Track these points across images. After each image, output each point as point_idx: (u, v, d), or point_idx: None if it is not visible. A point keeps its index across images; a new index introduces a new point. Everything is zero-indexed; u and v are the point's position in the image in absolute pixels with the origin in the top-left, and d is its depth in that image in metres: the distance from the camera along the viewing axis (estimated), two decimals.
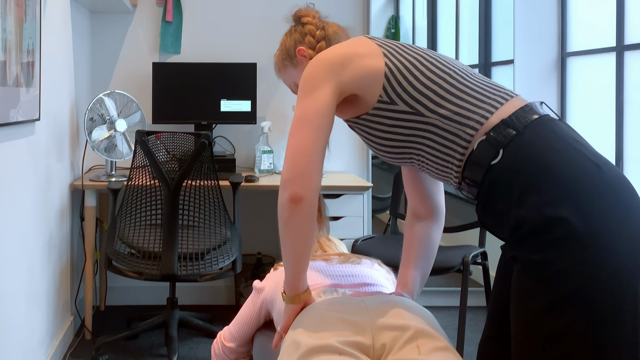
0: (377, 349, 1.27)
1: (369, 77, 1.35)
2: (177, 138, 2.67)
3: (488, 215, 1.30)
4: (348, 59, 1.36)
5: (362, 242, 2.98)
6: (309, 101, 1.34)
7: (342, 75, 1.35)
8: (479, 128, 1.28)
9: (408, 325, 1.28)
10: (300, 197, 1.30)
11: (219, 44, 3.65)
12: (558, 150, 1.21)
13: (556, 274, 1.14)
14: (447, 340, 1.30)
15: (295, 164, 1.31)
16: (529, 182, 1.20)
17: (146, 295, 3.61)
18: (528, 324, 1.17)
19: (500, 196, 1.24)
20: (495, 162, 1.25)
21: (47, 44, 2.60)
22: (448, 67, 1.36)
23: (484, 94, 1.33)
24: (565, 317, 1.13)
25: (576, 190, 1.16)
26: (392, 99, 1.34)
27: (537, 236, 1.17)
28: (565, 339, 1.13)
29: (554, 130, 1.25)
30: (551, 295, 1.14)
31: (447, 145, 1.32)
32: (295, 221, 1.31)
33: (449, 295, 3.54)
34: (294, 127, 1.35)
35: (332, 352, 1.22)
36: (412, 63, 1.35)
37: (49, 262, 2.69)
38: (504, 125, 1.26)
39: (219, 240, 2.76)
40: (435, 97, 1.32)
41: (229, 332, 1.78)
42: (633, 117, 2.88)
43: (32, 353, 2.45)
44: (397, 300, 1.38)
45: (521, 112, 1.28)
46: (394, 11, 4.44)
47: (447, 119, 1.31)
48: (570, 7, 3.47)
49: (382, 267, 1.78)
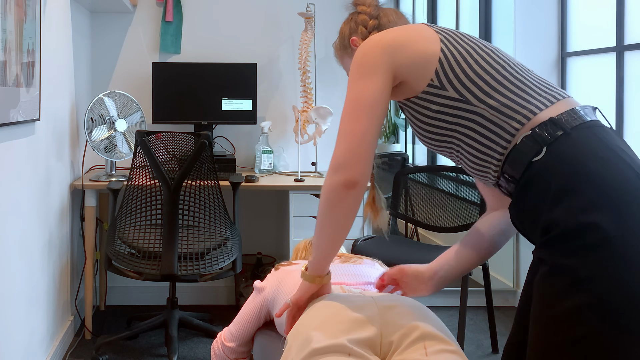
0: (385, 345, 1.27)
1: (423, 61, 1.33)
2: (177, 138, 2.67)
3: (521, 213, 1.28)
4: (403, 43, 1.34)
5: (362, 242, 2.98)
6: (364, 84, 1.32)
7: (397, 59, 1.33)
8: (525, 123, 1.26)
9: (416, 325, 1.28)
10: (355, 182, 1.30)
11: (219, 44, 3.65)
12: (602, 156, 1.19)
13: (581, 279, 1.12)
14: (455, 343, 1.30)
15: (351, 149, 1.30)
16: (567, 184, 1.18)
17: (146, 295, 3.61)
18: (547, 328, 1.16)
19: (536, 195, 1.22)
20: (537, 159, 1.23)
21: (47, 44, 2.60)
22: (502, 59, 1.35)
23: (535, 90, 1.31)
24: (586, 324, 1.11)
25: (614, 198, 1.14)
26: (442, 84, 1.32)
27: (567, 241, 1.15)
28: (583, 347, 1.11)
29: (600, 136, 1.23)
30: (574, 301, 1.12)
31: (490, 138, 1.30)
32: (344, 205, 1.31)
33: (449, 295, 3.54)
34: (348, 110, 1.33)
35: (341, 353, 1.22)
36: (467, 51, 1.33)
37: (49, 262, 2.69)
38: (551, 124, 1.24)
39: (219, 240, 2.76)
40: (485, 86, 1.30)
41: (229, 332, 1.78)
42: (633, 117, 2.88)
43: (32, 353, 2.45)
44: (407, 301, 1.38)
45: (571, 114, 1.26)
46: None
47: (495, 110, 1.29)
48: (570, 7, 3.47)
49: (382, 267, 1.78)
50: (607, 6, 3.05)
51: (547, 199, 1.19)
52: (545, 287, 1.18)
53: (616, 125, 2.95)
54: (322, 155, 3.63)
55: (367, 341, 1.26)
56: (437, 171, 3.66)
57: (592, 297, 1.11)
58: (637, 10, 2.86)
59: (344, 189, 1.30)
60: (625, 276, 1.11)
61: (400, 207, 3.31)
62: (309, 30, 3.38)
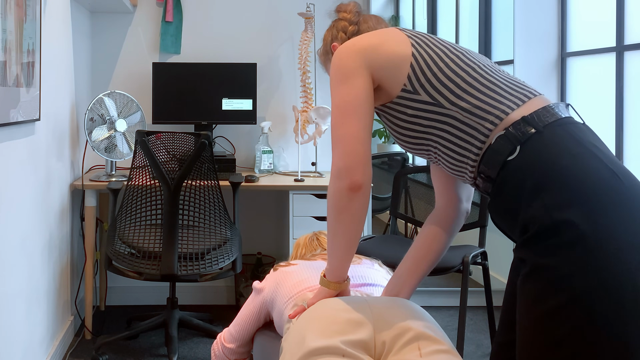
0: (378, 346, 1.28)
1: (396, 64, 1.35)
2: (177, 138, 2.67)
3: (499, 212, 1.29)
4: (376, 46, 1.37)
5: (362, 242, 2.98)
6: (346, 88, 1.35)
7: (372, 61, 1.35)
8: (498, 123, 1.28)
9: (409, 326, 1.28)
10: (360, 185, 1.31)
11: (219, 44, 3.65)
12: (575, 153, 1.20)
13: (561, 278, 1.13)
14: (448, 343, 1.30)
15: (350, 153, 1.32)
16: (541, 182, 1.19)
17: (146, 295, 3.61)
18: (533, 327, 1.17)
19: (512, 193, 1.24)
20: (512, 158, 1.24)
21: (47, 44, 2.60)
22: (472, 61, 1.36)
23: (506, 90, 1.32)
24: (568, 322, 1.12)
25: (588, 195, 1.15)
26: (415, 89, 1.34)
27: (545, 239, 1.16)
28: (569, 344, 1.12)
29: (574, 133, 1.24)
30: (555, 300, 1.14)
31: (465, 139, 1.31)
32: (352, 209, 1.32)
33: (449, 295, 3.54)
34: (336, 116, 1.35)
35: (335, 354, 1.22)
36: (437, 54, 1.35)
37: (49, 262, 2.69)
38: (524, 122, 1.25)
39: (219, 240, 2.76)
40: (456, 89, 1.32)
41: (228, 333, 1.78)
42: (633, 117, 2.88)
43: (32, 353, 2.45)
44: (400, 302, 1.39)
45: (543, 112, 1.27)
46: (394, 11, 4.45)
47: (467, 112, 1.30)
48: (570, 7, 3.47)
49: (382, 267, 1.78)
50: (607, 6, 3.05)
51: (523, 197, 1.21)
52: (528, 289, 1.19)
53: (616, 125, 2.95)
54: (322, 155, 3.63)
55: (361, 342, 1.26)
56: None
57: (571, 294, 1.13)
58: (637, 10, 2.86)
59: (349, 193, 1.31)
60: (601, 271, 1.12)
61: (400, 207, 3.31)
62: (309, 30, 3.38)
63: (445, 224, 1.55)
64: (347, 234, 1.35)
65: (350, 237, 1.36)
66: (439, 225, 1.56)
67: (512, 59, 3.50)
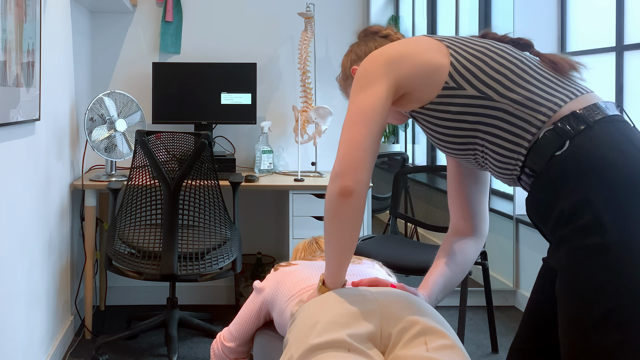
0: (384, 338, 1.27)
1: (430, 70, 1.33)
2: (177, 138, 2.67)
3: (537, 203, 1.27)
4: (405, 55, 1.35)
5: (362, 242, 2.98)
6: (364, 96, 1.33)
7: (399, 70, 1.33)
8: (551, 115, 1.25)
9: (416, 320, 1.27)
10: (351, 191, 1.28)
11: (219, 44, 3.65)
12: (624, 150, 1.19)
13: (602, 283, 1.13)
14: (454, 337, 1.29)
15: (347, 158, 1.30)
16: (586, 177, 1.18)
17: (146, 295, 3.61)
18: (586, 338, 1.15)
19: (552, 185, 1.22)
20: (560, 153, 1.22)
21: (47, 44, 2.60)
22: (517, 55, 1.35)
23: (557, 83, 1.31)
24: (619, 328, 1.12)
25: (633, 193, 1.14)
26: (459, 84, 1.31)
27: (577, 238, 1.16)
28: (625, 348, 1.12)
29: (623, 131, 1.23)
30: (599, 310, 1.13)
31: (515, 133, 1.28)
32: (343, 214, 1.30)
33: (449, 295, 3.54)
34: (348, 121, 1.33)
35: (341, 348, 1.22)
36: (479, 51, 1.34)
37: (49, 262, 2.69)
38: (574, 117, 1.24)
39: (219, 240, 2.76)
40: (506, 81, 1.30)
41: (228, 332, 1.78)
42: (633, 117, 2.88)
43: (32, 353, 2.45)
44: (406, 296, 1.38)
45: (594, 108, 1.25)
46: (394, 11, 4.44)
47: (518, 104, 1.28)
48: (570, 7, 3.47)
49: (382, 268, 1.78)
50: (607, 6, 3.05)
51: (563, 189, 1.19)
52: (568, 300, 1.18)
53: None
54: (322, 155, 3.63)
55: (367, 335, 1.25)
56: (437, 171, 3.66)
57: (612, 304, 1.12)
58: (637, 10, 2.86)
59: (339, 197, 1.29)
60: (630, 282, 1.11)
61: (400, 207, 3.31)
62: (308, 30, 3.38)
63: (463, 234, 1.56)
64: (340, 238, 1.34)
65: (343, 242, 1.34)
66: (457, 235, 1.57)
67: None
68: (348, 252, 1.36)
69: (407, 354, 1.23)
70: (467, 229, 1.56)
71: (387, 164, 4.11)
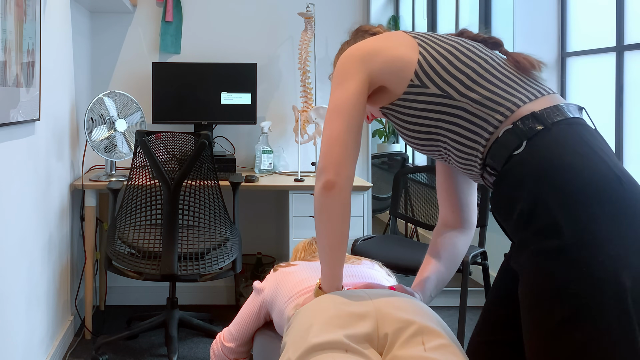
0: (381, 338, 1.27)
1: (400, 65, 1.36)
2: (177, 138, 2.67)
3: (497, 203, 1.29)
4: (378, 50, 1.38)
5: (362, 242, 2.98)
6: (340, 92, 1.37)
7: (371, 65, 1.37)
8: (508, 115, 1.27)
9: (412, 319, 1.28)
10: (333, 184, 1.31)
11: (219, 44, 3.65)
12: (581, 153, 1.19)
13: (559, 289, 1.13)
14: (450, 336, 1.29)
15: (328, 153, 1.33)
16: (544, 178, 1.18)
17: (146, 295, 3.61)
18: (546, 342, 1.16)
19: (512, 186, 1.23)
20: (517, 152, 1.24)
21: (47, 44, 2.60)
22: (484, 54, 1.36)
23: (519, 84, 1.32)
24: (580, 330, 1.12)
25: (589, 196, 1.15)
26: (423, 82, 1.34)
27: (536, 242, 1.16)
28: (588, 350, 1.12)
29: (582, 134, 1.23)
30: (561, 312, 1.13)
31: (474, 131, 1.31)
32: (328, 208, 1.32)
33: (449, 295, 3.54)
34: (326, 118, 1.38)
35: (338, 349, 1.22)
36: (446, 49, 1.36)
37: (49, 262, 2.69)
38: (533, 118, 1.25)
39: (219, 240, 2.76)
40: (467, 80, 1.32)
41: (228, 332, 1.78)
42: (633, 117, 2.88)
43: (32, 353, 2.45)
44: (401, 296, 1.38)
45: (554, 109, 1.26)
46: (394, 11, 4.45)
47: (477, 103, 1.30)
48: (570, 7, 3.47)
49: (382, 268, 1.78)
50: (607, 6, 3.05)
51: (522, 190, 1.20)
52: (531, 297, 1.18)
53: (616, 125, 2.94)
54: None
55: (364, 336, 1.26)
56: None
57: (574, 305, 1.12)
58: (637, 10, 2.86)
59: (323, 192, 1.32)
60: (596, 274, 1.11)
61: (400, 207, 3.31)
62: (308, 30, 3.38)
63: (452, 227, 1.58)
64: (329, 235, 1.35)
65: (333, 239, 1.35)
66: (446, 227, 1.58)
67: None
68: (339, 251, 1.37)
69: (405, 354, 1.23)
70: (455, 221, 1.57)
71: (387, 164, 4.11)
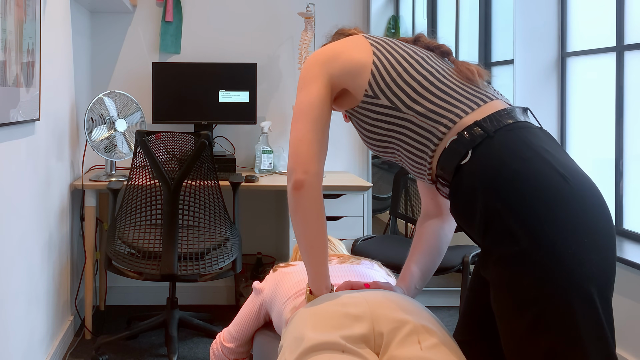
0: (377, 338, 1.27)
1: (356, 70, 1.39)
2: (177, 138, 2.67)
3: (457, 215, 1.31)
4: (337, 54, 1.42)
5: (362, 242, 2.98)
6: (302, 96, 1.41)
7: (331, 68, 1.40)
8: (451, 127, 1.30)
9: (406, 319, 1.28)
10: (302, 182, 1.34)
11: (219, 44, 3.65)
12: (525, 157, 1.21)
13: (523, 294, 1.14)
14: (445, 334, 1.30)
15: (295, 153, 1.37)
16: (492, 187, 1.20)
17: (146, 295, 3.61)
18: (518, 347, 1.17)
19: (465, 197, 1.25)
20: (464, 162, 1.26)
21: (47, 44, 2.60)
22: (431, 65, 1.38)
23: (462, 94, 1.34)
24: (547, 334, 1.13)
25: (536, 198, 1.16)
26: (375, 93, 1.37)
27: (495, 250, 1.18)
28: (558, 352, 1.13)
29: (525, 137, 1.25)
30: (527, 316, 1.14)
31: (421, 142, 1.34)
32: (301, 207, 1.34)
33: (449, 295, 3.54)
34: (292, 120, 1.42)
35: (335, 350, 1.22)
36: (396, 59, 1.38)
37: (49, 262, 2.69)
38: (476, 127, 1.27)
39: (219, 240, 2.76)
40: (412, 93, 1.34)
41: (228, 332, 1.79)
42: (633, 117, 2.88)
43: (32, 353, 2.45)
44: (396, 295, 1.39)
45: (496, 116, 1.28)
46: (394, 11, 4.44)
47: (422, 116, 1.33)
48: (570, 7, 3.47)
49: (382, 268, 1.78)
50: (607, 6, 3.05)
51: (477, 202, 1.22)
52: (498, 306, 1.20)
53: (616, 125, 2.94)
54: None
55: (360, 337, 1.26)
56: None
57: (539, 306, 1.13)
58: (637, 10, 2.86)
59: (294, 192, 1.35)
60: (546, 283, 1.13)
61: (400, 207, 3.31)
62: (309, 30, 3.38)
63: (434, 216, 1.59)
64: (306, 234, 1.36)
65: (310, 238, 1.36)
66: (429, 217, 1.60)
67: (512, 59, 3.50)
68: (319, 249, 1.37)
69: (402, 354, 1.23)
70: (437, 210, 1.59)
71: (387, 164, 4.11)
